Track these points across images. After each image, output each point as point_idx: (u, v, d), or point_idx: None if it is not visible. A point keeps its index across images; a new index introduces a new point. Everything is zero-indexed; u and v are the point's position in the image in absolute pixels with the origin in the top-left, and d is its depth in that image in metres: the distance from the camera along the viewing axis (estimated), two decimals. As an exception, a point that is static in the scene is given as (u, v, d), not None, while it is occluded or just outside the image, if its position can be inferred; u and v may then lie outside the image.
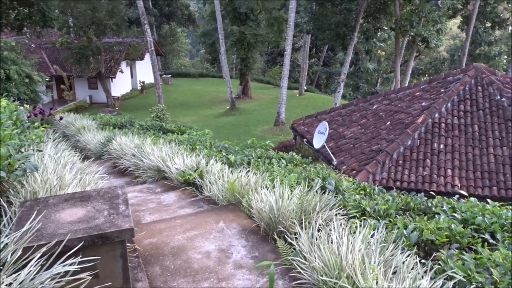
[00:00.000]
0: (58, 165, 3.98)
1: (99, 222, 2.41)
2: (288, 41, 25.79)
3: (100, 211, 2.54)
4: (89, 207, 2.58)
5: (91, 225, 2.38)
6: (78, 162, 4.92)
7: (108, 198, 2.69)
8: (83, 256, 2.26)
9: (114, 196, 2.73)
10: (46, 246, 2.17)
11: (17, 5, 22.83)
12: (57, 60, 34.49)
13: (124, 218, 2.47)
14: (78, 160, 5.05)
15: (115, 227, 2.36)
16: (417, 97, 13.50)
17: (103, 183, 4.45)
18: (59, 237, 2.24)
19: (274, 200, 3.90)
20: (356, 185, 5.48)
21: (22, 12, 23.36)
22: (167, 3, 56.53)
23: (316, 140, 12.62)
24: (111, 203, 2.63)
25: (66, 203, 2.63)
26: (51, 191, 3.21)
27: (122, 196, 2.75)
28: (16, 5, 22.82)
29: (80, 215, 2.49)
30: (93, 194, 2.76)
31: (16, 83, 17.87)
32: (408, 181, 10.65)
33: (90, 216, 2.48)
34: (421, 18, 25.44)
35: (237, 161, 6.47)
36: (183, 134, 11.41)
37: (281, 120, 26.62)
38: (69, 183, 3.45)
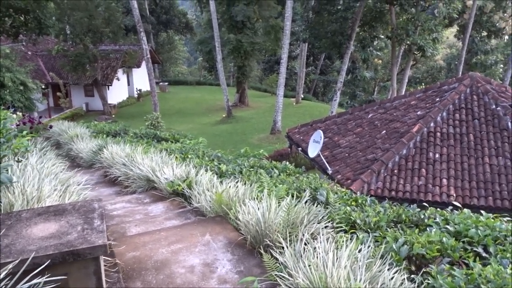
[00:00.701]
0: (40, 176, 3.87)
1: (72, 238, 2.31)
2: (284, 49, 25.80)
3: (73, 226, 2.44)
4: (63, 221, 2.48)
5: (63, 241, 2.27)
6: (63, 172, 4.81)
7: (83, 212, 2.59)
8: (53, 274, 2.16)
9: (90, 210, 2.63)
10: (12, 264, 2.06)
11: (13, 12, 22.81)
12: (53, 67, 34.43)
13: (98, 233, 2.37)
14: (63, 170, 4.94)
15: (88, 243, 2.26)
16: (412, 106, 13.45)
17: (86, 194, 4.34)
18: (27, 254, 2.14)
19: (261, 212, 3.80)
20: (348, 196, 5.38)
21: (18, 20, 23.33)
22: (165, 11, 56.73)
23: (311, 149, 12.54)
24: (86, 218, 2.53)
25: (40, 217, 2.53)
26: (28, 203, 3.10)
27: (98, 210, 2.65)
28: (12, 12, 22.79)
29: (53, 230, 2.39)
30: (68, 207, 2.66)
31: (10, 90, 17.76)
32: (403, 191, 10.56)
33: (63, 232, 2.37)
34: (417, 27, 25.49)
35: (228, 170, 6.37)
36: (177, 142, 11.32)
37: (278, 129, 26.56)
38: (48, 195, 3.34)
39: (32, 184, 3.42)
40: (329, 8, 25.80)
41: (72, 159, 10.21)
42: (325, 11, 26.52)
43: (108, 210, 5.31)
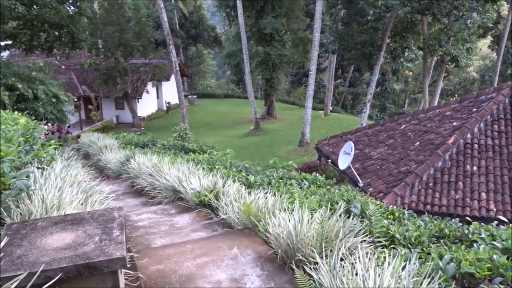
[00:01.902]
0: (62, 184, 3.73)
1: (88, 249, 2.12)
2: (313, 60, 25.56)
3: (91, 237, 2.25)
4: (80, 231, 2.30)
5: (78, 253, 2.08)
6: (88, 181, 4.67)
7: (102, 222, 2.40)
8: (67, 289, 1.97)
9: (109, 220, 2.43)
10: (23, 276, 1.88)
11: (48, 27, 23.36)
12: (85, 81, 35.15)
13: (117, 245, 2.17)
14: (89, 179, 4.81)
15: (105, 256, 2.06)
16: (447, 117, 12.96)
17: (109, 204, 4.18)
18: (40, 266, 1.95)
19: (292, 224, 3.55)
20: (384, 208, 5.07)
21: (53, 34, 23.88)
22: (194, 25, 57.47)
23: (341, 160, 12.19)
24: (104, 227, 2.34)
25: (56, 226, 2.35)
26: (48, 211, 2.94)
27: (118, 219, 2.45)
28: (47, 27, 23.35)
29: (69, 240, 2.20)
30: (87, 216, 2.47)
31: (43, 102, 18.09)
32: (439, 205, 10.09)
33: (79, 242, 2.19)
34: (450, 37, 24.88)
35: (257, 181, 6.15)
36: (204, 153, 11.18)
37: (306, 141, 26.21)
38: (69, 203, 3.18)
39: (53, 192, 3.27)
40: (359, 19, 25.46)
41: (101, 170, 10.19)
42: (354, 22, 26.18)
43: (133, 221, 5.15)
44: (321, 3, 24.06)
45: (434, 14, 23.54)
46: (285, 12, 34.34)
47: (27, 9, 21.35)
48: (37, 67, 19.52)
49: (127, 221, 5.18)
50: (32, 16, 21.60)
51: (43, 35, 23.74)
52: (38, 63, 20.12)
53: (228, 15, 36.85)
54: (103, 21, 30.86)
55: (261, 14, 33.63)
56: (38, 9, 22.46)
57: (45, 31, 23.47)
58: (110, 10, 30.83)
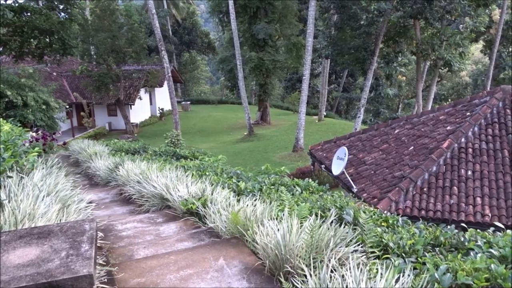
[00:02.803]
0: (39, 194, 3.54)
1: (52, 266, 1.94)
2: (306, 66, 25.46)
3: (57, 252, 2.06)
4: (46, 246, 2.11)
5: (41, 270, 1.90)
6: (69, 189, 4.47)
7: (71, 235, 2.22)
8: (29, 310, 1.78)
9: (79, 233, 2.25)
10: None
11: (38, 34, 23.12)
12: (77, 87, 34.89)
13: (84, 261, 1.98)
14: (69, 187, 4.61)
15: (70, 273, 1.88)
16: (441, 121, 12.85)
17: (88, 213, 3.98)
18: (-3, 286, 1.76)
19: (281, 234, 3.38)
20: (378, 215, 4.91)
21: (43, 41, 23.64)
22: (187, 31, 57.38)
23: (335, 166, 12.04)
24: (73, 241, 2.16)
25: (20, 240, 2.16)
26: (17, 224, 2.75)
27: (88, 232, 2.27)
28: (37, 34, 23.10)
29: (32, 256, 2.02)
30: (55, 229, 2.29)
31: (33, 109, 17.84)
32: (434, 210, 9.95)
33: (44, 258, 2.00)
34: (443, 41, 24.88)
35: (247, 188, 5.96)
36: (196, 160, 10.99)
37: (300, 146, 26.06)
38: (43, 214, 2.99)
39: (26, 202, 3.07)
40: (352, 23, 25.42)
41: (90, 177, 10.00)
42: (347, 26, 26.13)
43: (117, 230, 4.95)
44: (313, 8, 24.01)
45: (426, 19, 23.53)
46: (278, 17, 34.29)
47: (17, 15, 21.13)
48: (26, 74, 19.28)
49: (111, 230, 4.98)
50: (22, 23, 21.35)
51: (33, 42, 23.48)
52: (27, 69, 19.88)
53: (221, 21, 36.72)
54: (95, 28, 30.67)
55: (254, 19, 33.55)
56: (28, 15, 22.22)
57: (36, 38, 23.21)
58: (102, 16, 30.65)
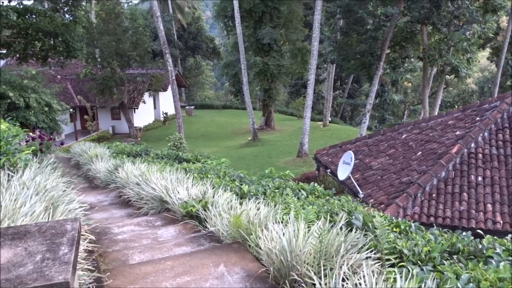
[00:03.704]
0: (27, 192, 3.29)
1: (24, 271, 1.68)
2: (311, 70, 25.23)
3: (31, 255, 1.80)
4: (20, 248, 1.85)
5: (10, 276, 1.64)
6: (60, 190, 4.22)
7: (50, 236, 1.96)
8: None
9: (59, 233, 1.99)
10: None
11: (43, 36, 23.03)
12: (81, 90, 34.77)
13: (61, 266, 1.72)
14: (61, 188, 4.36)
15: (43, 280, 1.62)
16: (450, 126, 12.55)
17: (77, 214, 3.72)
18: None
19: (287, 239, 3.10)
20: (388, 220, 4.63)
21: (47, 43, 23.54)
22: (192, 36, 57.35)
23: (341, 171, 11.75)
24: (51, 243, 1.89)
25: (-8, 241, 1.90)
26: (-4, 223, 2.50)
27: (70, 233, 2.00)
28: (42, 36, 23.02)
29: (3, 259, 1.76)
30: (32, 230, 2.03)
31: (35, 111, 17.67)
32: (443, 217, 9.63)
33: (15, 262, 1.74)
34: (450, 47, 24.59)
35: (251, 191, 5.70)
36: (198, 163, 10.74)
37: (304, 151, 25.77)
38: (26, 213, 2.73)
39: (8, 201, 2.82)
40: (358, 28, 25.17)
41: (90, 180, 9.78)
42: (353, 31, 25.89)
43: (113, 233, 4.70)
44: (319, 11, 23.81)
45: (434, 24, 23.26)
46: (283, 22, 34.16)
47: (21, 17, 21.04)
48: (29, 76, 19.14)
49: (107, 234, 4.72)
50: (26, 25, 21.27)
51: (37, 44, 23.39)
52: (30, 71, 19.73)
53: (226, 25, 36.60)
54: (100, 31, 30.58)
55: (259, 24, 33.42)
56: (33, 17, 22.14)
57: (40, 40, 23.13)
58: (107, 19, 30.57)
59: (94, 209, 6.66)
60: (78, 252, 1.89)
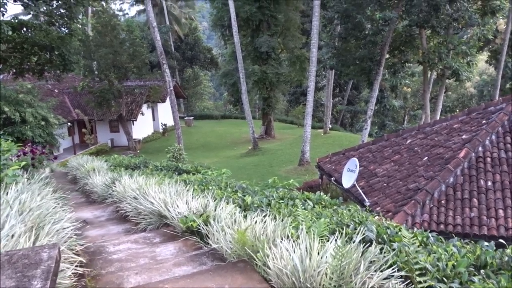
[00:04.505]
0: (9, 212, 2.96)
1: (-16, 315, 1.35)
2: (311, 77, 24.96)
3: (-5, 293, 1.47)
4: (-18, 284, 1.52)
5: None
6: (50, 208, 3.90)
7: (21, 267, 1.63)
8: None
9: (32, 264, 1.66)
10: None
11: (38, 50, 22.79)
12: (79, 104, 34.47)
13: (30, 307, 1.39)
14: (51, 205, 4.03)
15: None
16: (455, 130, 12.24)
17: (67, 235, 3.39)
18: None
19: (298, 257, 2.78)
20: (404, 231, 4.30)
21: (43, 57, 23.29)
22: (190, 47, 57.23)
23: (346, 178, 11.42)
24: (22, 276, 1.57)
25: (-50, 276, 1.58)
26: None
27: (45, 263, 1.67)
28: (37, 50, 22.77)
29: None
30: (2, 259, 1.70)
31: (31, 126, 17.36)
32: (453, 224, 9.29)
33: (-26, 303, 1.41)
34: (450, 50, 24.36)
35: (254, 203, 5.37)
36: (199, 174, 10.41)
37: (306, 160, 25.41)
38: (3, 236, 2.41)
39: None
40: (357, 33, 24.97)
41: (87, 195, 9.45)
42: (352, 36, 25.68)
43: (108, 252, 4.36)
44: (317, 18, 23.60)
45: (433, 27, 23.03)
46: (281, 30, 34.01)
47: (16, 32, 20.80)
48: (25, 90, 18.85)
49: (101, 253, 4.39)
50: (22, 39, 21.02)
51: (33, 58, 23.13)
52: (25, 85, 19.45)
53: (223, 35, 36.44)
54: (96, 43, 30.38)
55: (256, 32, 33.28)
56: (28, 32, 21.91)
57: (36, 54, 22.86)
58: (103, 32, 30.37)
59: (91, 226, 6.34)
60: (55, 285, 1.56)
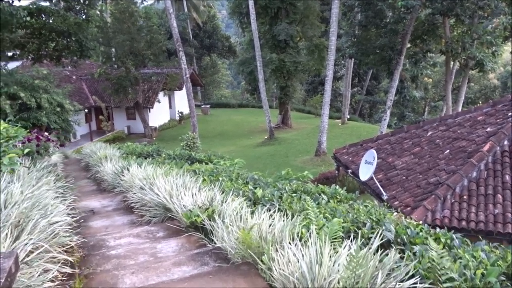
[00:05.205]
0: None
1: None
2: (329, 66, 24.40)
3: None
4: None
5: None
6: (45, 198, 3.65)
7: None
8: None
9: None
10: None
11: (56, 36, 22.77)
12: (96, 91, 34.50)
13: None
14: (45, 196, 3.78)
15: None
16: (479, 122, 11.72)
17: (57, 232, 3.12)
18: None
19: (307, 263, 2.47)
20: (425, 231, 3.94)
21: (61, 43, 23.28)
22: (208, 35, 56.87)
23: (363, 171, 11.02)
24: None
25: None
26: None
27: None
28: (55, 36, 22.76)
29: None
30: None
31: (46, 112, 17.30)
32: (476, 221, 8.84)
33: None
34: (474, 40, 23.55)
35: (265, 196, 5.06)
36: (211, 164, 10.16)
37: (323, 150, 24.97)
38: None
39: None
40: (377, 21, 24.29)
41: (98, 182, 9.28)
42: (373, 25, 25.00)
43: (108, 247, 4.12)
44: (337, 5, 22.98)
45: (457, 16, 22.24)
46: (299, 18, 33.36)
47: (35, 18, 20.79)
48: (40, 76, 18.79)
49: (101, 247, 4.14)
50: (40, 25, 21.00)
51: (51, 44, 23.14)
52: (41, 71, 19.41)
53: (241, 23, 35.98)
54: (114, 30, 30.27)
55: (275, 20, 32.72)
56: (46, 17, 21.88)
57: (53, 40, 22.86)
58: (121, 18, 30.22)
59: (97, 215, 6.14)
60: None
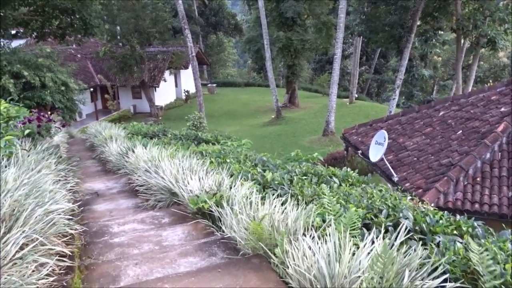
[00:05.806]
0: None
1: None
2: (338, 44, 23.89)
3: None
4: None
5: None
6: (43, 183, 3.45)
7: None
8: None
9: None
10: None
11: (59, 13, 22.42)
12: (101, 69, 34.16)
13: None
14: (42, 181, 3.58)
15: None
16: (493, 102, 11.38)
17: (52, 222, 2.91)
18: None
19: (325, 257, 2.26)
20: (446, 219, 3.72)
21: (65, 20, 22.94)
22: (214, 13, 56.07)
23: (373, 152, 10.77)
24: None
25: None
26: None
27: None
28: (59, 13, 22.41)
29: None
30: None
31: (51, 91, 17.07)
32: (489, 204, 8.62)
33: None
34: (486, 17, 22.92)
35: (275, 179, 4.84)
36: (218, 144, 9.94)
37: (331, 130, 24.65)
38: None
39: None
40: (387, -2, 23.76)
41: (104, 163, 9.10)
42: (382, 2, 24.38)
43: (111, 234, 3.93)
44: (346, -19, 22.43)
45: (469, -9, 21.69)
46: (307, -5, 32.68)
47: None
48: (44, 54, 18.52)
49: (104, 234, 3.96)
50: (43, 2, 20.65)
51: (55, 22, 22.83)
52: (45, 49, 19.13)
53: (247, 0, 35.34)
54: (118, 7, 29.78)
55: (282, -3, 32.07)
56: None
57: (57, 18, 22.54)
58: (125, -5, 29.74)
59: (101, 198, 5.97)
60: None
